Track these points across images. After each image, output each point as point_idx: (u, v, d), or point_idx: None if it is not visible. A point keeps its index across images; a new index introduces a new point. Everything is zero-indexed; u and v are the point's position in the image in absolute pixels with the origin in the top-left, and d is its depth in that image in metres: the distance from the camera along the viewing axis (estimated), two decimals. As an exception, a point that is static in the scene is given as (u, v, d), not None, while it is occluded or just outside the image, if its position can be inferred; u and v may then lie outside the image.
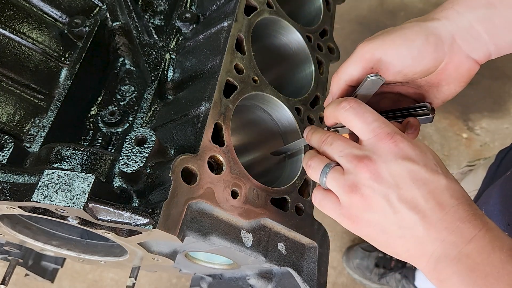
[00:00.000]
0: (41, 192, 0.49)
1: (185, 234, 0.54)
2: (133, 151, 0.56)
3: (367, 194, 0.49)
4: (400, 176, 0.48)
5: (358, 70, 0.56)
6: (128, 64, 0.88)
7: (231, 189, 0.59)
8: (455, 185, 0.48)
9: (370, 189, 0.49)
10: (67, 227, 0.78)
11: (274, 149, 0.76)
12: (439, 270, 0.47)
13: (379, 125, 0.50)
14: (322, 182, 0.53)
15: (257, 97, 0.71)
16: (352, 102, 0.52)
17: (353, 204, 0.50)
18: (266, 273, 0.75)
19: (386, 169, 0.48)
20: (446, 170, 0.50)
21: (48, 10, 0.81)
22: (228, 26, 0.71)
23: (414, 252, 0.49)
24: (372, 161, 0.49)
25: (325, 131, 0.58)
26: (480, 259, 0.45)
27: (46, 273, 1.09)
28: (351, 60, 0.56)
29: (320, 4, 0.92)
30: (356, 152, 0.50)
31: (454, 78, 0.57)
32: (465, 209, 0.47)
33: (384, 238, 0.50)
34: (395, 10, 2.37)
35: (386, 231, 0.49)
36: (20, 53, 0.75)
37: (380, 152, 0.49)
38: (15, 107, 0.72)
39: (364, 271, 1.67)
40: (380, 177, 0.48)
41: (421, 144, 0.50)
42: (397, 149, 0.49)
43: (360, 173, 0.49)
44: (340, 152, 0.52)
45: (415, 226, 0.47)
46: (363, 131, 0.51)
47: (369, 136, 0.50)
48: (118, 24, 0.84)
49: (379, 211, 0.49)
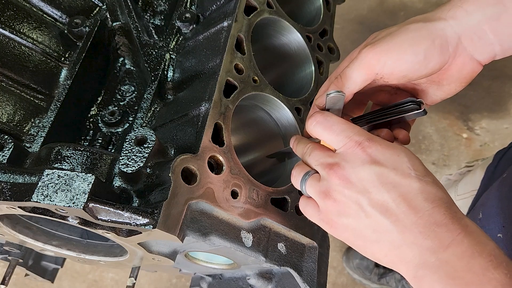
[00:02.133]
0: (41, 192, 0.49)
1: (185, 234, 0.54)
2: (133, 151, 0.56)
3: (339, 199, 0.50)
4: (368, 181, 0.49)
5: (362, 77, 0.55)
6: (128, 64, 0.88)
7: (231, 189, 0.59)
8: (431, 188, 0.47)
9: (340, 194, 0.50)
10: (67, 227, 0.78)
11: (273, 150, 0.76)
12: (419, 277, 0.46)
13: (347, 134, 0.51)
14: (303, 189, 0.56)
15: (257, 97, 0.71)
16: (318, 117, 0.54)
17: (328, 209, 0.52)
18: (266, 273, 0.75)
19: (354, 174, 0.49)
20: (424, 173, 0.49)
21: (48, 10, 0.81)
22: (228, 26, 0.71)
23: (392, 258, 0.48)
24: (341, 167, 0.50)
25: (307, 141, 0.59)
26: (460, 265, 0.44)
27: (46, 273, 1.09)
28: (354, 67, 0.55)
29: (320, 4, 0.92)
30: (329, 160, 0.52)
31: (456, 78, 0.57)
32: (442, 212, 0.46)
33: (361, 242, 0.51)
34: (395, 10, 2.37)
35: (362, 235, 0.50)
36: (20, 53, 0.75)
37: (348, 158, 0.50)
38: (15, 107, 0.72)
39: (364, 271, 1.68)
40: (349, 182, 0.50)
41: (397, 147, 0.50)
42: (365, 154, 0.49)
43: (331, 179, 0.51)
44: (317, 161, 0.54)
45: (389, 230, 0.47)
46: (334, 142, 0.53)
47: (339, 145, 0.52)
48: (118, 24, 0.84)
49: (352, 216, 0.50)
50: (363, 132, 0.51)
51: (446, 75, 0.57)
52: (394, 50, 0.53)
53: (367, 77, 0.55)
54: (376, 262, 0.53)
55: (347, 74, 0.56)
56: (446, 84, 0.58)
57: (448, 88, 0.58)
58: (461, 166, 1.33)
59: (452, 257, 0.44)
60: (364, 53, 0.55)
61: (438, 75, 0.57)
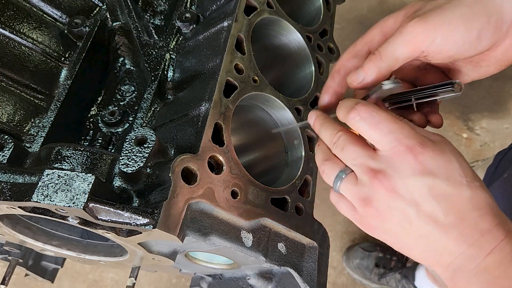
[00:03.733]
0: (41, 192, 0.49)
1: (185, 234, 0.54)
2: (133, 151, 0.56)
3: (382, 209, 0.47)
4: (419, 193, 0.45)
5: (406, 54, 0.49)
6: (128, 64, 0.88)
7: (231, 189, 0.59)
8: (480, 194, 0.45)
9: (385, 205, 0.46)
10: (67, 227, 0.78)
11: (274, 150, 0.76)
12: (456, 280, 0.45)
13: (396, 136, 0.45)
14: (336, 189, 0.51)
15: (257, 97, 0.71)
16: (362, 112, 0.47)
17: (367, 215, 0.48)
18: (266, 273, 0.75)
19: (403, 186, 0.45)
20: (473, 177, 0.45)
21: (48, 10, 0.81)
22: (228, 26, 0.71)
23: (430, 260, 0.47)
24: (388, 177, 0.45)
25: (336, 126, 0.52)
26: (498, 272, 0.43)
27: (46, 273, 1.09)
28: (398, 41, 0.49)
29: (320, 4, 0.92)
30: (371, 164, 0.47)
31: (497, 60, 0.51)
32: (488, 219, 0.44)
33: (401, 245, 0.48)
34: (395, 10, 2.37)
35: (402, 240, 0.48)
36: (20, 53, 0.75)
37: (397, 166, 0.45)
38: (15, 107, 0.72)
39: (364, 271, 1.67)
40: (396, 194, 0.45)
41: (447, 151, 0.45)
42: (416, 163, 0.44)
43: (375, 189, 0.46)
44: (354, 161, 0.48)
45: (433, 239, 0.45)
46: (379, 143, 0.47)
47: (385, 147, 0.46)
48: (118, 24, 0.84)
49: (395, 224, 0.47)
50: (414, 135, 0.46)
51: (489, 56, 0.51)
52: (445, 26, 0.47)
53: (411, 55, 0.49)
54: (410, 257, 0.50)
55: (388, 51, 0.49)
56: (485, 65, 0.53)
57: (485, 70, 0.53)
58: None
59: (492, 263, 0.43)
60: (411, 27, 0.48)
61: (479, 56, 0.51)
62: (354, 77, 0.53)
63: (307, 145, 0.74)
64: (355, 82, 0.53)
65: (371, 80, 0.52)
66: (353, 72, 0.53)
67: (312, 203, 0.71)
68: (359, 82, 0.52)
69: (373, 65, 0.51)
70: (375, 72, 0.51)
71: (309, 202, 0.70)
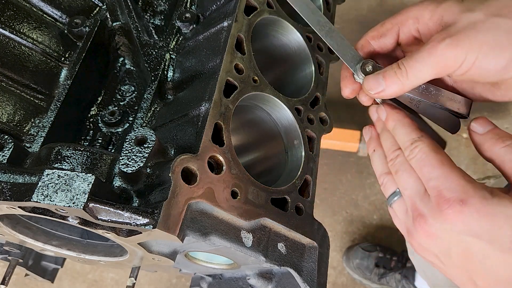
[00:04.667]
0: (41, 192, 0.49)
1: (185, 234, 0.54)
2: (133, 151, 0.56)
3: (421, 245, 0.48)
4: (454, 250, 0.44)
5: (432, 75, 0.48)
6: (128, 64, 0.88)
7: (231, 189, 0.59)
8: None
9: (422, 246, 0.47)
10: (67, 227, 0.78)
11: (274, 150, 0.76)
12: None
13: (437, 186, 0.44)
14: (389, 204, 0.52)
15: (257, 97, 0.71)
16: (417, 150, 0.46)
17: (411, 242, 0.49)
18: (266, 273, 0.75)
19: (441, 237, 0.44)
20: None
21: (48, 10, 0.81)
22: (228, 26, 0.71)
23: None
24: (428, 224, 0.45)
25: (394, 142, 0.51)
26: None
27: (46, 273, 1.09)
28: (426, 63, 0.47)
29: (320, 4, 0.92)
30: (418, 204, 0.46)
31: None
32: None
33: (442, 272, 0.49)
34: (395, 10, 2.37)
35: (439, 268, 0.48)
36: (20, 53, 0.75)
37: (437, 216, 0.44)
38: (15, 107, 0.72)
39: (364, 271, 1.67)
40: (433, 241, 0.45)
41: (498, 213, 0.41)
42: (457, 220, 0.42)
43: (416, 228, 0.46)
44: (405, 190, 0.48)
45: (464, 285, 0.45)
46: (425, 184, 0.46)
47: (430, 193, 0.45)
48: (118, 24, 0.84)
49: (433, 259, 0.47)
50: (458, 187, 0.43)
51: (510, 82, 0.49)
52: (475, 51, 0.45)
53: (437, 76, 0.48)
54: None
55: (415, 70, 0.48)
56: (503, 89, 0.51)
57: (503, 94, 0.51)
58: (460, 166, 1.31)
59: None
60: (443, 50, 0.46)
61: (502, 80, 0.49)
62: (373, 84, 0.51)
63: (307, 145, 0.74)
64: (372, 91, 0.51)
65: (390, 93, 0.51)
66: (373, 78, 0.52)
67: (312, 203, 0.71)
68: (377, 91, 0.51)
69: (397, 80, 0.49)
70: (397, 88, 0.50)
71: (309, 202, 0.70)
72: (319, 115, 0.79)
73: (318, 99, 0.81)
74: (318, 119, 0.78)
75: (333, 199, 1.88)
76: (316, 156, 0.75)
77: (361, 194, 1.92)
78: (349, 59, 0.56)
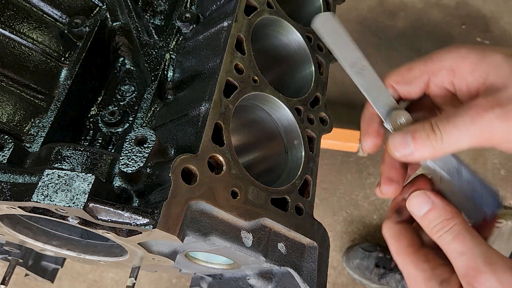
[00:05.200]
0: (41, 192, 0.49)
1: (185, 234, 0.54)
2: (133, 151, 0.56)
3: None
4: None
5: (472, 145, 0.42)
6: (128, 64, 0.88)
7: (231, 189, 0.59)
8: None
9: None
10: (67, 227, 0.78)
11: (274, 150, 0.76)
12: None
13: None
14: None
15: (257, 97, 0.71)
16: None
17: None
18: (266, 273, 0.75)
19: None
20: None
21: (48, 10, 0.81)
22: (228, 26, 0.71)
23: None
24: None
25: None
26: None
27: (46, 273, 1.09)
28: (469, 131, 0.41)
29: (320, 4, 0.92)
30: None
31: None
32: None
33: None
34: (395, 10, 2.37)
35: None
36: (20, 53, 0.75)
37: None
38: (15, 107, 0.72)
39: (364, 271, 1.68)
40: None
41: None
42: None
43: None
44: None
45: None
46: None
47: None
48: (118, 24, 0.84)
49: None
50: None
51: None
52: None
53: (475, 146, 0.43)
54: None
55: (453, 137, 0.42)
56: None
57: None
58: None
59: None
60: (491, 120, 0.40)
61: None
62: (400, 144, 0.45)
63: (307, 145, 0.74)
64: (398, 152, 0.45)
65: (417, 158, 0.45)
66: (400, 137, 0.45)
67: (312, 203, 0.71)
68: (404, 155, 0.45)
69: (430, 144, 0.43)
70: (427, 154, 0.44)
71: (309, 202, 0.70)
72: (319, 115, 0.79)
73: (318, 99, 0.81)
74: (318, 119, 0.78)
75: (333, 199, 1.88)
76: (316, 156, 0.75)
77: (361, 194, 1.92)
78: (380, 104, 0.47)
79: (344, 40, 0.49)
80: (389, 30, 2.29)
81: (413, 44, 2.28)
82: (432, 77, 0.48)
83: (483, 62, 0.44)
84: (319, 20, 0.48)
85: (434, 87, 0.49)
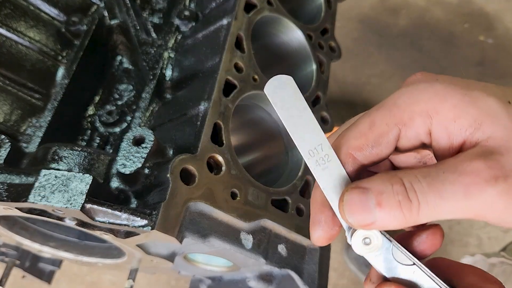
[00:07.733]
0: (38, 193, 0.49)
1: (183, 235, 0.54)
2: (131, 151, 0.55)
3: None
4: None
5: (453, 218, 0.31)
6: (126, 63, 0.87)
7: (230, 190, 0.58)
8: None
9: None
10: (64, 228, 0.78)
11: (274, 150, 0.75)
12: None
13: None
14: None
15: (257, 96, 0.70)
16: None
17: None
18: (266, 275, 0.74)
19: None
20: None
21: (45, 8, 0.80)
22: (227, 24, 0.70)
23: None
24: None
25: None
26: None
27: (44, 275, 1.08)
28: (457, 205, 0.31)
29: (321, 2, 0.91)
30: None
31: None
32: None
33: None
34: (397, 8, 2.36)
35: None
36: (17, 52, 0.74)
37: None
38: (12, 106, 0.71)
39: (364, 268, 1.69)
40: None
41: None
42: None
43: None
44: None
45: None
46: None
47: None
48: (116, 22, 0.83)
49: None
50: None
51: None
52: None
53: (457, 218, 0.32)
54: None
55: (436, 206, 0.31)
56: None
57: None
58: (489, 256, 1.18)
59: None
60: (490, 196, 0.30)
61: None
62: (359, 211, 0.33)
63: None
64: (354, 220, 0.33)
65: (381, 227, 0.33)
66: (359, 199, 0.33)
67: (313, 204, 0.70)
68: (362, 223, 0.33)
69: (400, 214, 0.32)
70: (395, 226, 0.33)
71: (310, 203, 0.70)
72: (320, 114, 0.78)
73: (319, 98, 0.80)
74: (320, 118, 0.77)
75: (333, 199, 1.86)
76: (317, 156, 0.74)
77: (362, 194, 1.91)
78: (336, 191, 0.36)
79: (304, 117, 0.37)
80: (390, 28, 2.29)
81: (415, 43, 2.27)
82: (404, 129, 0.35)
83: (471, 107, 0.33)
84: (271, 85, 0.36)
85: (406, 142, 0.36)
